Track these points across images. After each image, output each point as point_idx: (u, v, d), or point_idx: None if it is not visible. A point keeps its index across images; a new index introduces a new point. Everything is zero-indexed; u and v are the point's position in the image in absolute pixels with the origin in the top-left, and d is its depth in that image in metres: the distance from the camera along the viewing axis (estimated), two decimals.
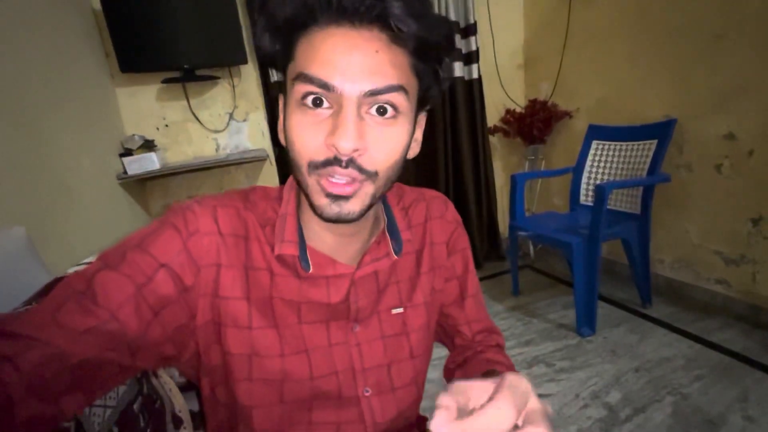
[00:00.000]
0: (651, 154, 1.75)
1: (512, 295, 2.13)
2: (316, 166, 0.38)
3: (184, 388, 0.72)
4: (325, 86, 0.36)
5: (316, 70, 0.37)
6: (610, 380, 1.41)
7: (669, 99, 1.79)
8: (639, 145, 1.82)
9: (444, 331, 0.62)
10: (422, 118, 0.47)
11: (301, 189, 0.42)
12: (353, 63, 0.36)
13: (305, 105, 0.38)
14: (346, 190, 0.39)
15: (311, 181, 0.39)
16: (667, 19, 1.74)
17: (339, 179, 0.38)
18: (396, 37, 0.37)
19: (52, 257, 1.00)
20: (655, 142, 1.75)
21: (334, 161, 0.37)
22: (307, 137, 0.38)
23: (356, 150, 0.37)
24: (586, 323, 1.70)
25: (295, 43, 0.39)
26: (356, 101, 0.37)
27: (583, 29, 2.12)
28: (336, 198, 0.39)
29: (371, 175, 0.39)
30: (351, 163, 0.38)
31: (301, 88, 0.37)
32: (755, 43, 1.47)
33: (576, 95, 2.24)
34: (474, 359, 0.57)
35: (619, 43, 1.96)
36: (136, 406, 0.59)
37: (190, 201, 0.45)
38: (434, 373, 0.67)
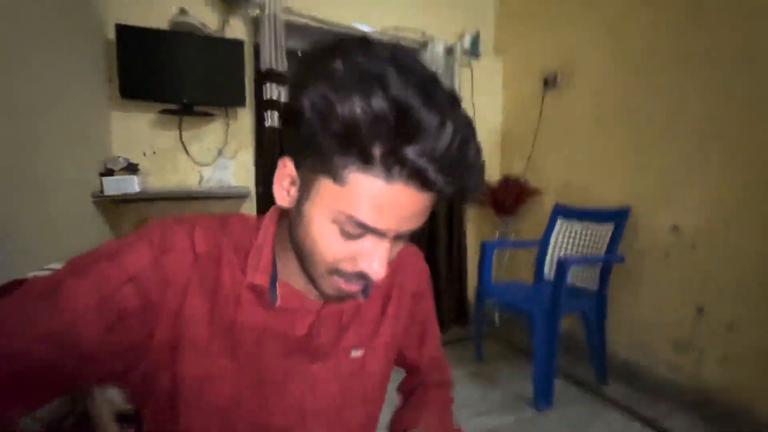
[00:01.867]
0: (609, 235, 1.89)
1: (474, 361, 2.13)
2: (337, 272, 0.41)
3: (122, 419, 0.68)
4: (375, 231, 0.38)
5: (374, 220, 0.37)
6: None
7: (624, 188, 1.97)
8: (598, 226, 1.97)
9: (401, 363, 0.66)
10: None
11: (306, 272, 0.44)
12: (407, 218, 0.38)
13: (344, 230, 0.38)
14: (356, 288, 0.43)
15: (325, 279, 0.42)
16: (620, 117, 1.98)
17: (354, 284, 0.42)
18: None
19: (9, 257, 0.99)
20: (612, 225, 1.90)
21: (358, 277, 0.41)
22: (335, 248, 0.39)
23: None
24: (543, 396, 1.69)
25: (348, 164, 0.35)
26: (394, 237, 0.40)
27: (552, 119, 2.37)
28: (346, 295, 0.44)
29: None
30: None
31: (350, 225, 0.37)
32: (694, 141, 1.68)
33: (545, 175, 2.44)
34: (418, 393, 0.64)
35: (581, 134, 2.20)
36: (66, 425, 0.56)
37: (167, 218, 0.45)
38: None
